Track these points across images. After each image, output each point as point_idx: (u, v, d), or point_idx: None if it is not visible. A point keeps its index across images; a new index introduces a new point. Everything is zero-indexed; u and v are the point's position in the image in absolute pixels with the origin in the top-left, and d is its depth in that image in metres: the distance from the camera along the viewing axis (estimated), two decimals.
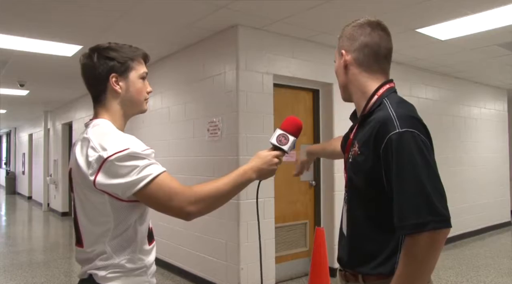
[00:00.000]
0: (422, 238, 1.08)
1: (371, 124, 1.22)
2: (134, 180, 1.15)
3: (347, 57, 1.33)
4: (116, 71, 1.30)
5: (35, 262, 5.49)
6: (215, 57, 4.16)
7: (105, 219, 1.22)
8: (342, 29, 1.38)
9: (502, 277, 4.56)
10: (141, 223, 1.28)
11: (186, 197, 1.19)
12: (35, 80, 6.53)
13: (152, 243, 1.36)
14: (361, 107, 1.33)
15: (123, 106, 1.34)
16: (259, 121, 3.95)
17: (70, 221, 8.83)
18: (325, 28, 3.99)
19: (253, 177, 1.31)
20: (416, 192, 1.09)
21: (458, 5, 3.47)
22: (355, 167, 1.26)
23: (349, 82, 1.35)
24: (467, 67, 5.78)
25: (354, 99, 1.37)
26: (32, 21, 3.78)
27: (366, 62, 1.30)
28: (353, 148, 1.28)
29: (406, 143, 1.12)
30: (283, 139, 1.35)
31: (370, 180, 1.21)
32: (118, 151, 1.15)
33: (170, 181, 1.19)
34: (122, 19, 3.73)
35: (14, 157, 16.75)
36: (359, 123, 1.32)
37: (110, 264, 1.23)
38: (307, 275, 4.29)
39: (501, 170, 7.40)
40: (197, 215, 1.22)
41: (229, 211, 3.83)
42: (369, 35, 1.29)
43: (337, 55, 1.38)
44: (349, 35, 1.33)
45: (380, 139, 1.16)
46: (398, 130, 1.13)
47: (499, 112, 7.56)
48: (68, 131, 9.61)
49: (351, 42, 1.32)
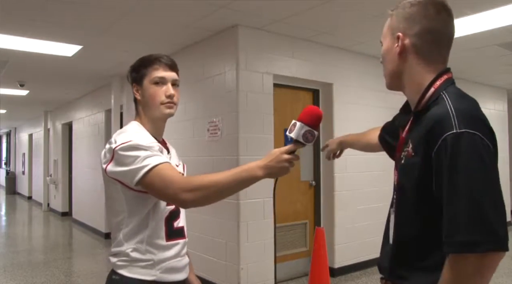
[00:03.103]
0: (469, 260, 0.92)
1: (426, 122, 1.05)
2: (136, 168, 1.24)
3: (406, 41, 1.12)
4: (135, 81, 1.45)
5: (35, 262, 5.49)
6: (215, 57, 4.16)
7: (120, 208, 1.33)
8: (397, 4, 1.17)
9: (502, 277, 4.56)
10: (155, 215, 1.35)
11: (182, 185, 1.22)
12: (35, 80, 6.53)
13: (174, 240, 1.40)
14: (414, 100, 1.15)
15: (146, 111, 1.45)
16: (259, 121, 3.95)
17: (70, 221, 8.84)
18: (325, 28, 3.98)
19: (259, 174, 1.22)
20: (469, 205, 0.93)
21: (458, 5, 3.47)
22: (407, 170, 1.10)
23: (404, 70, 1.15)
24: (467, 67, 5.78)
25: (407, 90, 1.18)
26: (32, 21, 3.78)
27: (426, 49, 1.12)
28: (407, 148, 1.11)
29: (463, 147, 0.95)
30: (293, 127, 1.20)
31: (421, 187, 1.05)
32: (122, 142, 1.28)
33: (168, 171, 1.25)
34: (122, 19, 3.73)
35: (14, 157, 16.75)
36: (413, 119, 1.15)
37: (119, 251, 1.33)
38: (307, 275, 4.29)
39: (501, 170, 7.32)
40: (194, 203, 1.23)
41: (229, 211, 3.83)
42: (434, 20, 1.10)
43: (388, 36, 1.18)
44: (408, 15, 1.12)
45: (434, 140, 0.99)
46: (455, 131, 0.97)
47: (499, 112, 7.56)
48: (68, 131, 9.60)
49: (410, 24, 1.12)
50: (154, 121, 1.46)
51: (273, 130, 4.07)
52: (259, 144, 3.89)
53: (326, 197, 4.66)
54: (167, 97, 1.42)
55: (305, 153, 4.58)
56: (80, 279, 4.73)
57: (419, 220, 1.09)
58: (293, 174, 4.49)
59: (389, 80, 1.21)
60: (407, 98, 1.21)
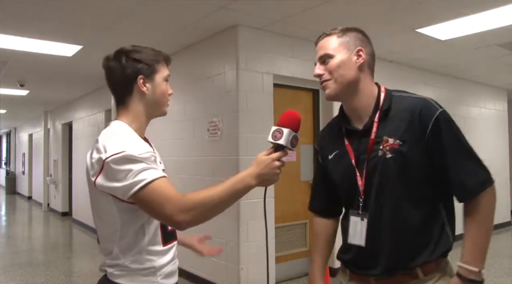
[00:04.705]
0: (491, 193, 1.25)
1: (402, 115, 1.28)
2: (130, 184, 1.14)
3: (365, 57, 1.35)
4: (143, 73, 1.32)
5: (35, 262, 5.49)
6: (215, 57, 4.16)
7: (112, 219, 1.24)
8: (344, 28, 1.38)
9: (502, 277, 4.56)
10: (150, 225, 1.27)
11: (177, 205, 1.14)
12: (35, 80, 6.53)
13: (170, 243, 1.34)
14: (361, 108, 1.36)
15: (148, 107, 1.36)
16: (259, 121, 3.95)
17: (70, 221, 8.84)
18: (325, 28, 3.96)
19: (252, 183, 1.20)
20: (472, 159, 1.26)
21: (458, 5, 3.47)
22: (401, 159, 1.26)
23: (360, 81, 1.35)
24: (467, 67, 5.78)
25: (358, 97, 1.35)
26: (32, 21, 3.78)
27: (372, 66, 1.39)
28: (385, 144, 1.28)
29: (450, 118, 1.27)
30: (278, 133, 1.22)
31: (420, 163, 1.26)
32: (114, 153, 1.15)
33: (164, 188, 1.16)
34: (122, 20, 3.73)
35: (14, 157, 16.75)
36: (379, 118, 1.32)
37: (116, 264, 1.26)
38: (307, 275, 4.29)
39: (501, 170, 7.39)
40: (190, 224, 1.16)
41: (229, 211, 3.79)
42: (371, 45, 1.39)
43: (342, 50, 1.34)
44: (360, 37, 1.37)
45: (426, 121, 1.24)
46: (440, 110, 1.26)
47: (499, 112, 7.56)
48: (68, 131, 9.60)
49: (364, 44, 1.36)
50: (149, 118, 1.39)
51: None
52: (259, 144, 3.89)
53: None
54: (170, 95, 1.44)
55: (305, 153, 4.58)
56: (80, 279, 4.73)
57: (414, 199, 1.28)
58: (293, 174, 4.49)
59: (342, 88, 1.34)
60: (350, 106, 1.38)
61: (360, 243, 1.32)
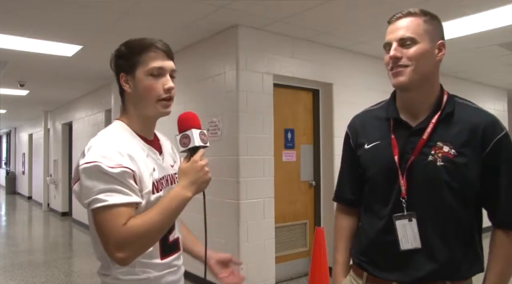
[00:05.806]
0: None
1: (463, 125, 1.21)
2: (90, 201, 1.06)
3: (443, 51, 1.25)
4: (124, 70, 1.21)
5: (35, 262, 5.49)
6: (215, 57, 4.16)
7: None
8: (428, 13, 1.24)
9: None
10: None
11: (115, 242, 1.04)
12: (35, 80, 6.53)
13: (170, 256, 1.24)
14: (421, 105, 1.26)
15: (136, 107, 1.23)
16: (259, 121, 3.95)
17: (70, 221, 8.84)
18: (325, 28, 3.98)
19: (188, 195, 1.13)
20: None
21: (458, 5, 3.47)
22: (453, 170, 1.18)
23: (433, 74, 1.25)
24: (467, 67, 5.78)
25: (423, 91, 1.25)
26: (32, 21, 3.78)
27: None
28: (438, 150, 1.20)
29: (511, 143, 1.22)
30: (185, 139, 1.18)
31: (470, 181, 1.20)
32: (87, 161, 1.08)
33: (112, 220, 1.04)
34: (122, 19, 3.73)
35: (14, 157, 16.75)
36: (438, 119, 1.23)
37: (108, 274, 1.18)
38: (307, 275, 4.28)
39: None
40: (129, 259, 1.07)
41: (229, 211, 3.83)
42: None
43: (426, 39, 1.21)
44: (442, 31, 1.27)
45: (488, 140, 1.19)
46: (504, 131, 1.21)
47: (499, 112, 7.55)
48: (68, 131, 9.60)
49: (443, 38, 1.27)
50: (147, 119, 1.25)
51: (273, 130, 4.07)
52: (259, 144, 3.90)
53: (326, 197, 4.65)
54: (166, 91, 1.21)
55: (305, 153, 4.58)
56: (80, 279, 4.73)
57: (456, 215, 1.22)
58: (293, 174, 4.49)
59: (419, 79, 1.22)
60: (414, 99, 1.27)
61: (417, 246, 1.22)
